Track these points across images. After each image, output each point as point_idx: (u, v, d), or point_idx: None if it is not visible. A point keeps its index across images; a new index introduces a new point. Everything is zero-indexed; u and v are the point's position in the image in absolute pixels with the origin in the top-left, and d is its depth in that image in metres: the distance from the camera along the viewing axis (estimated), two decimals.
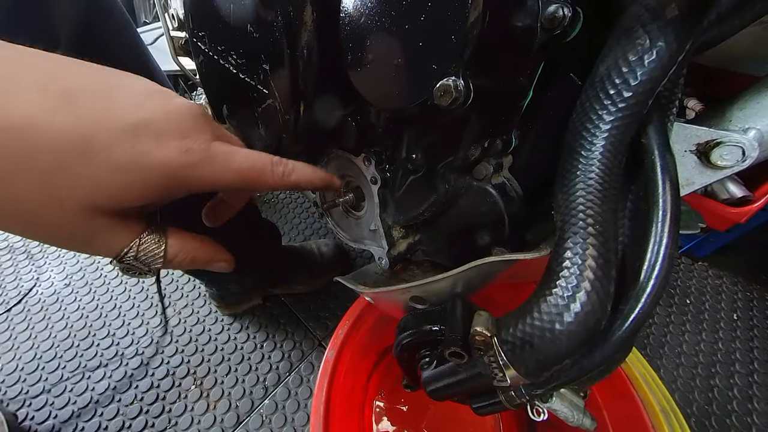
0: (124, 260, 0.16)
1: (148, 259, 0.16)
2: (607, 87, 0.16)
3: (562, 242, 0.16)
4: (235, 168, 0.17)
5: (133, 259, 0.16)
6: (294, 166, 0.19)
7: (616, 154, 0.17)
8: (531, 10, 0.16)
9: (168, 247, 0.17)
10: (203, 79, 0.30)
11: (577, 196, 0.16)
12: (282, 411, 0.57)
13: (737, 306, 0.70)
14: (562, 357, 0.15)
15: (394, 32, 0.16)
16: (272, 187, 0.18)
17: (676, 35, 0.15)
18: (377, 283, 0.30)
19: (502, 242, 0.23)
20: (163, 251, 0.17)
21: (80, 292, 0.73)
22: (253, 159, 0.17)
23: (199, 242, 0.19)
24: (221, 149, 0.16)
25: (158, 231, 0.17)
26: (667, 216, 0.15)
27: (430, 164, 0.22)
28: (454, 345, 0.19)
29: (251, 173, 0.17)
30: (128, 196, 0.14)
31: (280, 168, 0.19)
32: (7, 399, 0.58)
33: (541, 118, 0.21)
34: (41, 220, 0.13)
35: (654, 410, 0.33)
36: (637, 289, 0.15)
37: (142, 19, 0.96)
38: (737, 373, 0.61)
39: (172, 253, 0.17)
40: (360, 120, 0.25)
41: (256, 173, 0.17)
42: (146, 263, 0.16)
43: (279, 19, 0.19)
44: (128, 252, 0.16)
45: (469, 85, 0.15)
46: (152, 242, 0.16)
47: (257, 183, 0.18)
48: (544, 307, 0.15)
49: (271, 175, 0.18)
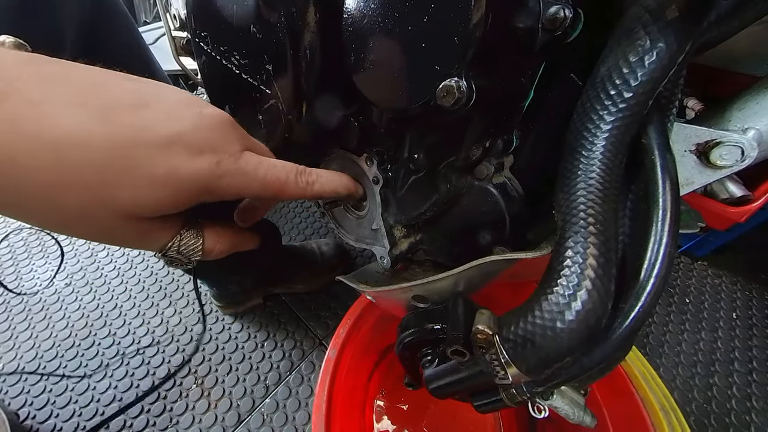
0: (167, 254, 0.18)
1: (189, 252, 0.18)
2: (607, 87, 0.16)
3: (563, 241, 0.16)
4: (261, 179, 0.18)
5: (175, 252, 0.18)
6: (318, 176, 0.21)
7: (616, 153, 0.17)
8: (532, 11, 0.16)
9: (205, 240, 0.19)
10: (205, 80, 0.30)
11: (578, 196, 0.17)
12: (283, 410, 0.57)
13: (736, 305, 0.71)
14: (563, 355, 0.15)
15: (397, 33, 0.17)
16: (296, 196, 0.20)
17: (676, 36, 0.15)
18: (379, 282, 0.31)
19: (503, 242, 0.23)
20: (201, 244, 0.18)
21: (81, 292, 0.73)
22: (278, 170, 0.19)
23: (231, 232, 0.21)
24: (249, 160, 0.17)
25: (195, 227, 0.19)
26: (667, 215, 0.15)
27: (431, 164, 0.22)
28: (456, 343, 0.19)
29: (276, 184, 0.18)
30: (164, 206, 0.15)
31: (304, 177, 0.20)
32: (9, 398, 0.58)
33: (542, 118, 0.21)
34: (86, 227, 0.15)
35: (654, 408, 0.33)
36: (637, 287, 0.15)
37: (143, 19, 0.96)
38: (736, 371, 0.61)
39: (210, 245, 0.19)
40: (362, 120, 0.25)
41: (281, 184, 0.19)
42: (187, 255, 0.18)
43: (282, 20, 0.20)
44: (171, 247, 0.17)
45: (472, 86, 0.15)
46: (191, 237, 0.18)
47: (282, 193, 0.19)
48: (545, 306, 0.15)
49: (295, 185, 0.19)
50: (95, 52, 0.28)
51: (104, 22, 0.30)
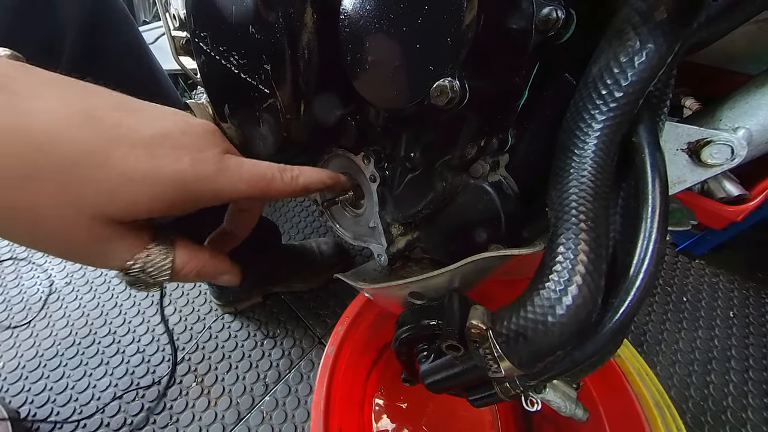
0: (130, 273, 0.16)
1: (155, 272, 0.16)
2: (599, 87, 0.17)
3: (555, 238, 0.16)
4: (246, 178, 0.17)
5: (139, 271, 0.16)
6: (301, 170, 0.20)
7: (608, 152, 0.17)
8: (525, 12, 0.16)
9: (176, 258, 0.17)
10: (205, 79, 0.31)
11: (570, 194, 0.17)
12: (282, 407, 0.58)
13: (733, 303, 0.71)
14: (555, 348, 0.15)
15: (392, 34, 0.17)
16: (282, 192, 0.19)
17: (665, 37, 0.15)
18: (377, 279, 0.31)
19: (498, 239, 0.24)
20: (171, 263, 0.17)
21: (81, 290, 0.73)
22: (262, 168, 0.18)
23: (207, 254, 0.19)
24: (233, 161, 0.17)
25: (166, 242, 0.17)
26: (656, 212, 0.15)
27: (428, 162, 0.22)
28: (451, 338, 0.19)
29: (262, 182, 0.18)
30: (140, 206, 0.15)
31: (288, 173, 0.19)
32: (10, 396, 0.59)
33: (536, 117, 0.22)
34: (51, 228, 0.14)
35: (648, 405, 0.34)
36: (627, 282, 0.15)
37: (142, 18, 0.96)
38: (732, 369, 0.62)
39: (180, 265, 0.17)
40: (359, 119, 0.25)
41: (267, 181, 0.18)
42: (152, 276, 0.16)
43: (280, 20, 0.20)
44: (134, 264, 0.16)
45: (465, 85, 0.16)
46: (159, 254, 0.16)
47: (268, 190, 0.18)
48: (537, 301, 0.16)
49: (280, 182, 0.19)
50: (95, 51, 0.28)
51: (104, 22, 0.30)
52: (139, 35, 0.36)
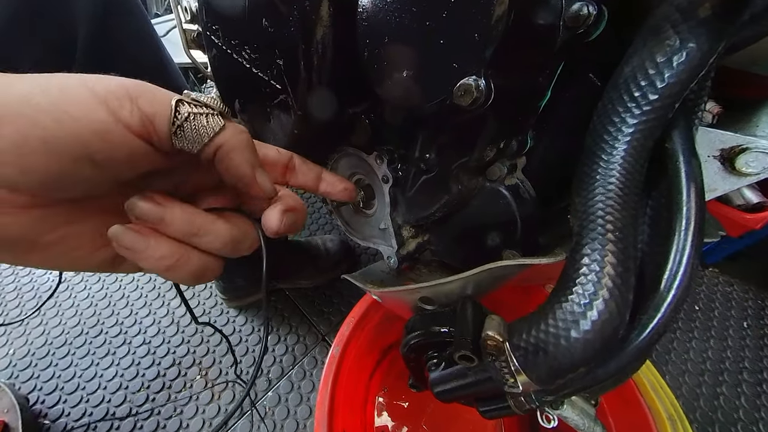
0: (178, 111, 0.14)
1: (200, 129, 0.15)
2: (631, 88, 0.16)
3: (579, 248, 0.16)
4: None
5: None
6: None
7: (638, 158, 0.16)
8: (554, 7, 0.15)
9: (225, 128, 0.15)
10: (215, 73, 0.30)
11: (596, 201, 0.16)
12: (285, 404, 0.58)
13: (748, 314, 0.69)
14: (577, 365, 0.15)
15: (414, 29, 0.16)
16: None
17: (708, 36, 0.14)
18: (384, 281, 0.30)
19: (513, 245, 0.23)
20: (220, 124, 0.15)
21: (90, 281, 0.74)
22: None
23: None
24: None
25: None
26: (691, 224, 0.14)
27: (443, 164, 0.21)
28: (464, 348, 0.19)
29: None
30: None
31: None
32: (19, 383, 0.60)
33: (556, 119, 0.21)
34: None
35: (661, 417, 0.33)
36: (657, 298, 0.14)
37: (154, 11, 0.96)
38: (745, 382, 0.60)
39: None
40: (373, 117, 0.24)
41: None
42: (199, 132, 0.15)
43: (295, 14, 0.19)
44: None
45: (491, 85, 0.15)
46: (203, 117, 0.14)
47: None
48: (559, 314, 0.15)
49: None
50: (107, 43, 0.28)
51: (117, 13, 0.30)
52: (153, 29, 0.35)
